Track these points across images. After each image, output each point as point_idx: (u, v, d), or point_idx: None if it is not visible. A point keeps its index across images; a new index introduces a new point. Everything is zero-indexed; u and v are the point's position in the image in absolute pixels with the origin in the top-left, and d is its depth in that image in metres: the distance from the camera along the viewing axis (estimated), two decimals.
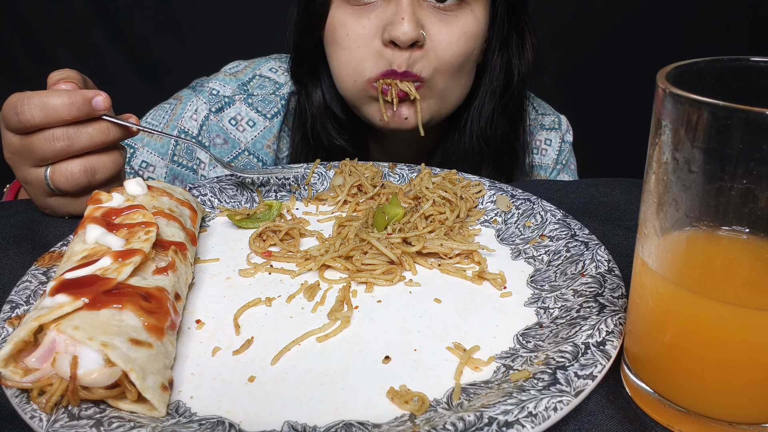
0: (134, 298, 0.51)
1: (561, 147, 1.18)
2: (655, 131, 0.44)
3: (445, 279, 0.68)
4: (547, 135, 1.18)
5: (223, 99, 1.09)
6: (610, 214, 0.83)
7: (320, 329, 0.59)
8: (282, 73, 1.15)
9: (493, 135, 1.04)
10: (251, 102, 1.10)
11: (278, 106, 1.11)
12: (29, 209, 0.85)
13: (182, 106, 1.11)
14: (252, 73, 1.13)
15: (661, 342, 0.47)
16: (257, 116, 1.10)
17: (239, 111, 1.09)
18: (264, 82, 1.12)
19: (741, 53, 0.45)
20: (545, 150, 1.18)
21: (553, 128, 1.19)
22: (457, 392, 0.50)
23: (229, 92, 1.09)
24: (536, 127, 1.19)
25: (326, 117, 1.05)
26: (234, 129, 1.09)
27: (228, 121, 1.08)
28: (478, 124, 1.04)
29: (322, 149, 1.08)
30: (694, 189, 0.42)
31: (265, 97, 1.10)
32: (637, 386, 0.50)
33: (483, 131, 1.04)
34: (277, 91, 1.12)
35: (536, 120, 1.19)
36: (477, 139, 1.05)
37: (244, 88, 1.10)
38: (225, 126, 1.08)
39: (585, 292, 0.61)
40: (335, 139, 1.06)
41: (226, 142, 1.09)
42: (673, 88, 0.41)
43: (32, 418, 0.45)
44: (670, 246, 0.45)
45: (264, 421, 0.48)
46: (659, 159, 0.43)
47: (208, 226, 0.81)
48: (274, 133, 1.11)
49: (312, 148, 1.08)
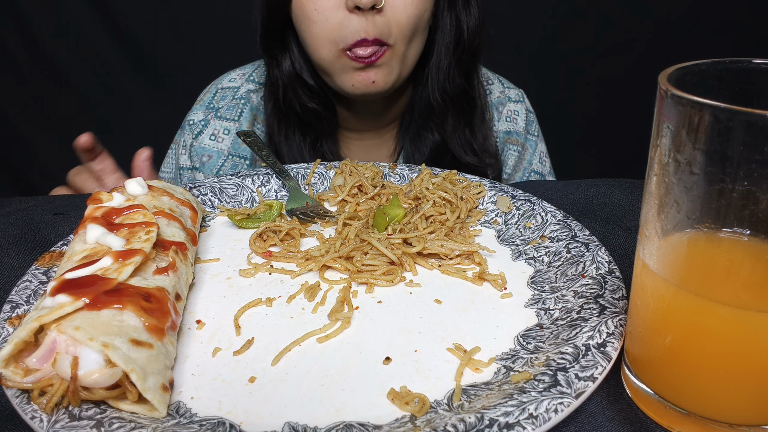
0: (135, 298, 0.51)
1: (527, 117, 1.30)
2: (656, 133, 0.44)
3: (445, 280, 0.68)
4: (515, 107, 1.30)
5: (198, 124, 1.23)
6: (611, 214, 0.83)
7: (321, 330, 0.59)
8: (239, 78, 1.27)
9: (452, 87, 1.14)
10: (220, 114, 1.23)
11: (239, 106, 1.23)
12: (29, 207, 0.85)
13: (177, 147, 1.27)
14: (214, 89, 1.27)
15: (661, 343, 0.47)
16: (228, 123, 1.24)
17: (215, 127, 1.23)
18: (225, 93, 1.25)
19: (742, 55, 0.45)
20: (515, 119, 1.30)
21: (518, 101, 1.31)
22: (458, 393, 0.50)
23: (201, 116, 1.24)
24: (504, 99, 1.30)
25: (297, 83, 1.14)
26: (215, 143, 1.23)
27: (208, 139, 1.22)
28: (438, 79, 1.14)
29: (294, 115, 1.16)
30: (695, 191, 0.42)
31: (228, 105, 1.24)
32: (638, 387, 0.50)
33: (442, 84, 1.14)
34: (236, 95, 1.25)
35: (504, 93, 1.30)
36: (438, 93, 1.14)
37: (210, 106, 1.24)
38: (206, 144, 1.22)
39: (586, 293, 0.61)
40: (307, 103, 1.15)
41: (210, 157, 1.23)
42: (674, 90, 0.41)
43: (33, 419, 0.45)
44: (671, 248, 0.45)
45: (264, 421, 0.48)
46: (660, 160, 0.43)
47: (208, 226, 0.81)
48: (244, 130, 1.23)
49: (285, 114, 1.17)
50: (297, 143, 1.17)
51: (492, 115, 1.27)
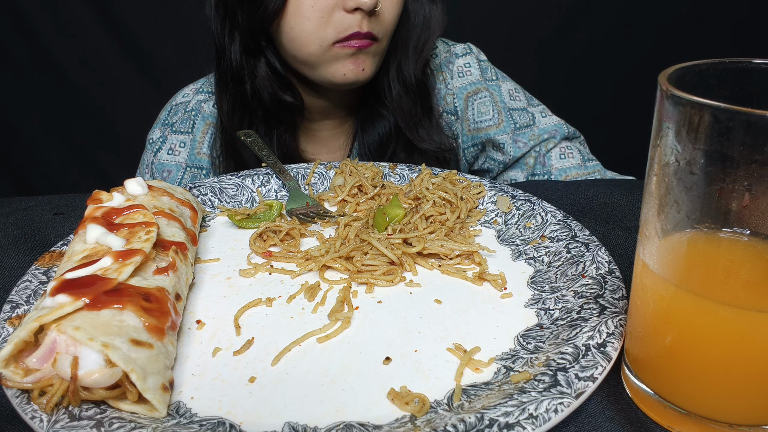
0: (135, 298, 0.51)
1: (480, 65, 1.30)
2: (656, 133, 0.44)
3: (445, 280, 0.68)
4: (464, 60, 1.30)
5: (157, 142, 1.26)
6: (611, 214, 0.83)
7: (321, 330, 0.59)
8: (191, 93, 1.30)
9: (411, 76, 1.18)
10: (175, 129, 1.26)
11: (191, 118, 1.26)
12: (29, 207, 0.85)
13: (141, 167, 1.30)
14: (169, 106, 1.30)
15: (661, 344, 0.47)
16: (183, 137, 1.27)
17: (171, 141, 1.26)
18: (178, 108, 1.28)
19: (742, 55, 0.45)
20: (468, 71, 1.29)
21: (465, 53, 1.30)
22: (458, 393, 0.50)
23: (159, 134, 1.27)
24: (452, 56, 1.30)
25: (273, 81, 1.16)
26: (172, 156, 1.26)
27: (167, 154, 1.26)
28: (401, 67, 1.18)
29: (261, 109, 1.17)
30: (695, 191, 0.42)
31: (182, 119, 1.27)
32: (638, 388, 0.50)
33: (404, 74, 1.18)
34: (187, 108, 1.27)
35: (449, 52, 1.31)
36: (399, 82, 1.18)
37: (166, 122, 1.28)
38: (165, 160, 1.25)
39: (586, 293, 0.61)
40: (282, 96, 1.16)
41: (170, 172, 1.25)
42: (674, 90, 0.41)
43: (33, 419, 0.45)
44: (671, 248, 0.45)
45: (264, 421, 0.48)
46: (660, 160, 0.43)
47: (208, 226, 0.81)
48: (197, 140, 1.26)
49: (248, 110, 1.18)
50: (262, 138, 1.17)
51: (445, 76, 1.28)
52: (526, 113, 1.25)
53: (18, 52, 2.06)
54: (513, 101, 1.26)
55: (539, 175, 1.20)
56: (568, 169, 1.19)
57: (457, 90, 1.27)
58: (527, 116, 1.25)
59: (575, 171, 1.19)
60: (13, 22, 2.02)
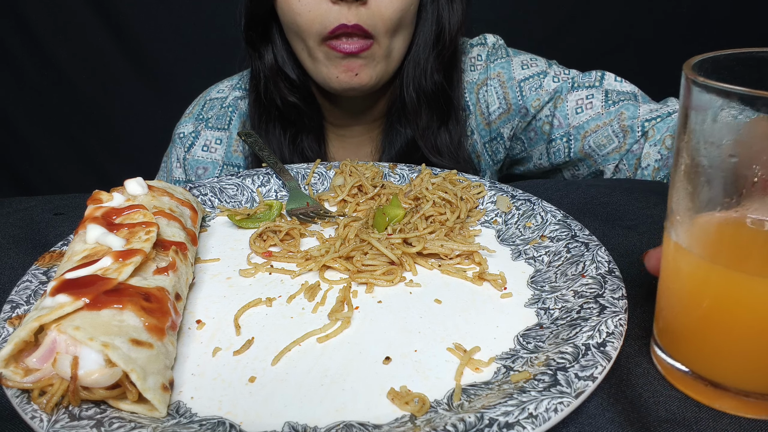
0: (135, 298, 0.51)
1: (489, 53, 1.23)
2: (683, 121, 0.45)
3: (445, 280, 0.68)
4: (479, 51, 1.24)
5: (189, 137, 1.24)
6: (611, 214, 0.83)
7: (321, 330, 0.59)
8: (227, 89, 1.28)
9: (429, 83, 1.12)
10: (210, 125, 1.24)
11: (228, 114, 1.24)
12: (29, 207, 0.85)
13: (169, 161, 1.27)
14: (203, 101, 1.28)
15: (696, 318, 0.48)
16: (219, 133, 1.24)
17: (206, 137, 1.23)
18: (213, 104, 1.26)
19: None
20: (480, 65, 1.23)
21: (479, 44, 1.25)
22: (458, 393, 0.50)
23: (191, 129, 1.24)
24: (466, 47, 1.25)
25: (278, 76, 1.14)
26: (208, 153, 1.23)
27: (201, 150, 1.23)
28: (414, 74, 1.12)
29: (275, 109, 1.16)
30: (723, 174, 0.43)
31: (217, 114, 1.24)
32: (671, 366, 0.51)
33: (418, 80, 1.12)
34: (223, 104, 1.25)
35: (463, 45, 1.25)
36: (414, 89, 1.13)
37: (200, 117, 1.25)
38: (199, 156, 1.23)
39: (585, 293, 0.61)
40: (288, 97, 1.15)
41: (206, 169, 1.23)
42: (700, 78, 0.42)
43: (33, 419, 0.45)
44: (703, 227, 0.46)
45: (264, 421, 0.48)
46: (689, 147, 0.45)
47: (208, 226, 0.81)
48: (235, 138, 1.24)
49: (266, 108, 1.17)
50: (277, 138, 1.17)
51: None
52: (539, 81, 1.18)
53: (18, 52, 2.06)
54: (523, 70, 1.19)
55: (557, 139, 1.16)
56: (587, 123, 1.13)
57: (469, 84, 1.23)
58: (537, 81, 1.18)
59: (594, 123, 1.13)
60: (14, 23, 2.02)
